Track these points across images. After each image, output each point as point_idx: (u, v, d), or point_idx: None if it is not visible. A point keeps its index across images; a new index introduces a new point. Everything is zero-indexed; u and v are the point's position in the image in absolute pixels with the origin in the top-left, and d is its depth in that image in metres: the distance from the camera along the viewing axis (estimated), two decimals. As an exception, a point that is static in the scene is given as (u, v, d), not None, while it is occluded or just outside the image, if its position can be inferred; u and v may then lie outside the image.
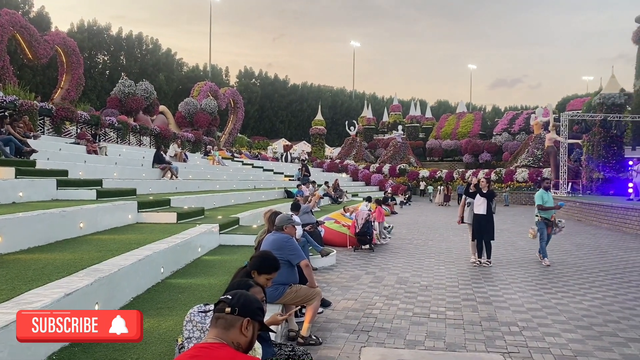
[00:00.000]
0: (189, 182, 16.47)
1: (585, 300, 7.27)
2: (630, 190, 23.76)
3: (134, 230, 7.86)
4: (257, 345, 2.88)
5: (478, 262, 10.30)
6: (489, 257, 10.33)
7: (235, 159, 32.08)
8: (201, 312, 2.96)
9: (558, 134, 32.48)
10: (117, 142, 23.86)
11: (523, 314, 6.48)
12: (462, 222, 10.94)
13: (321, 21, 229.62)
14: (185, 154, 22.47)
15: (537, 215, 10.83)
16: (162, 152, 17.35)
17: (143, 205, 9.38)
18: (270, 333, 3.17)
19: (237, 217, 11.10)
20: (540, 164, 39.21)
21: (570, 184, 31.02)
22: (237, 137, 45.34)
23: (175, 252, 6.58)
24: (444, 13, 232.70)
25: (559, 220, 11.16)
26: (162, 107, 37.85)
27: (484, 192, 10.35)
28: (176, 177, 16.08)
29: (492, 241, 10.42)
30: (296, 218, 8.38)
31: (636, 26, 37.51)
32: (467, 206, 10.68)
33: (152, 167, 16.28)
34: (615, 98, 30.57)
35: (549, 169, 35.18)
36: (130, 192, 10.72)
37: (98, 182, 10.60)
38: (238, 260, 7.30)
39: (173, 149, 21.16)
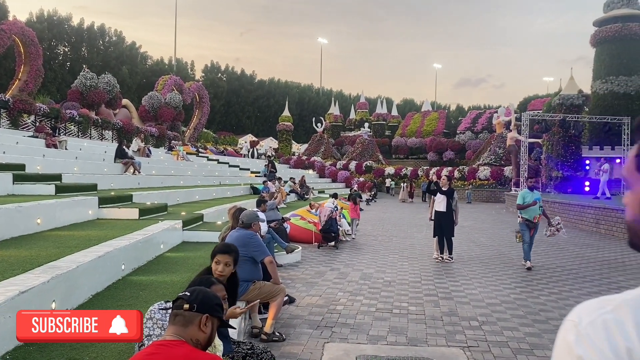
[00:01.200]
0: (152, 177, 16.17)
1: (542, 295, 7.50)
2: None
3: (95, 227, 7.67)
4: (218, 342, 2.86)
5: (440, 259, 10.48)
6: (450, 253, 10.53)
7: (200, 154, 31.66)
8: (162, 309, 2.92)
9: (519, 133, 33.27)
10: (78, 136, 23.26)
11: (483, 309, 6.64)
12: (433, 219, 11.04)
13: (290, 17, 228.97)
14: (148, 149, 22.07)
15: (519, 216, 10.33)
16: (124, 147, 16.99)
17: (104, 201, 9.16)
18: (229, 329, 3.15)
19: (201, 213, 10.97)
20: (502, 162, 40.11)
21: (530, 181, 31.86)
22: (202, 132, 44.76)
23: (136, 249, 6.46)
24: (411, 12, 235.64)
25: (558, 223, 10.41)
26: (125, 101, 37.01)
27: (444, 189, 10.53)
28: (139, 172, 15.78)
29: (453, 237, 10.61)
30: (261, 214, 8.37)
31: (594, 29, 38.73)
32: None
33: (114, 162, 15.94)
34: (573, 99, 31.52)
35: (510, 167, 36.04)
36: (91, 188, 10.45)
37: (57, 177, 10.29)
38: (201, 257, 7.22)
39: (136, 143, 20.72)
